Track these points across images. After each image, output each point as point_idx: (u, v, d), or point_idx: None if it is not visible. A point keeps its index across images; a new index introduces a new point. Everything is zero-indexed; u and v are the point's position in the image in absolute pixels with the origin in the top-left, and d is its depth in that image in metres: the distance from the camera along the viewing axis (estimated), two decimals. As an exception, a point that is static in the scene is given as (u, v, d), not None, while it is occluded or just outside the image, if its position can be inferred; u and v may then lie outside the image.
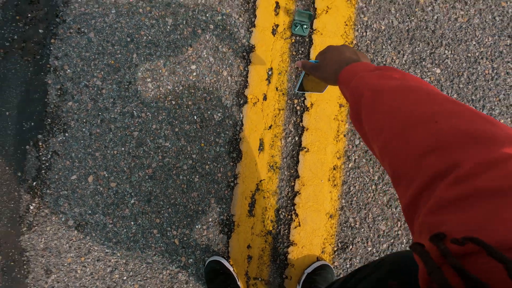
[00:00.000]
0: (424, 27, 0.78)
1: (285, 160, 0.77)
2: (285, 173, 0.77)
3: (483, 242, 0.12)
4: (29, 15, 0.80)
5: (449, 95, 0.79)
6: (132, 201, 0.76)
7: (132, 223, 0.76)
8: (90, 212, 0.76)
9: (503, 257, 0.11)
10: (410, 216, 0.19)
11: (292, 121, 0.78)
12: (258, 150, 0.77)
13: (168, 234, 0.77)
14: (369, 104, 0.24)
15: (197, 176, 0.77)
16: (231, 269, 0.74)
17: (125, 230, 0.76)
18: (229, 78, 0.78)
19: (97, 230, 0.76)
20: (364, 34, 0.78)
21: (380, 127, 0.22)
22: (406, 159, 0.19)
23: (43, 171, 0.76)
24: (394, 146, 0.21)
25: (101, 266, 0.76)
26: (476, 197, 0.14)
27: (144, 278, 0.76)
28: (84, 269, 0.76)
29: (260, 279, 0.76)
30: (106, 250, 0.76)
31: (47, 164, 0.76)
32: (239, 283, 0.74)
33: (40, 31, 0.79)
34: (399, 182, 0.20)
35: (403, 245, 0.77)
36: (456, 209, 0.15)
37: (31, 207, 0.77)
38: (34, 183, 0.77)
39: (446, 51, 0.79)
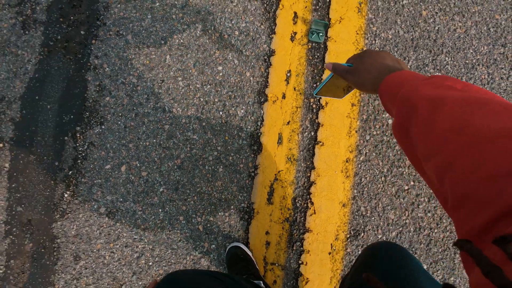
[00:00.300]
0: (427, 37, 0.86)
1: (302, 152, 0.83)
2: (302, 164, 0.83)
3: None
4: (71, 17, 0.87)
5: (450, 97, 0.86)
6: (161, 189, 0.81)
7: (160, 210, 0.81)
8: (121, 199, 0.80)
9: None
10: (480, 237, 0.16)
11: (309, 118, 0.84)
12: (277, 143, 0.83)
13: (193, 220, 0.81)
14: (426, 117, 0.21)
15: (221, 167, 0.82)
16: (251, 254, 0.78)
17: (153, 217, 0.81)
18: (251, 78, 0.85)
19: (127, 217, 0.80)
20: (373, 42, 0.86)
21: (441, 143, 0.20)
22: (480, 180, 0.17)
23: (79, 161, 0.81)
24: (462, 165, 0.18)
25: (128, 252, 0.80)
26: None
27: (169, 264, 0.80)
28: (112, 255, 0.80)
29: (277, 264, 0.80)
30: (134, 237, 0.80)
31: (83, 154, 0.82)
32: (257, 267, 0.78)
33: (82, 32, 0.86)
34: (463, 205, 0.18)
35: (410, 233, 0.82)
36: None
37: (66, 195, 0.81)
38: (70, 172, 0.81)
39: (447, 58, 0.86)
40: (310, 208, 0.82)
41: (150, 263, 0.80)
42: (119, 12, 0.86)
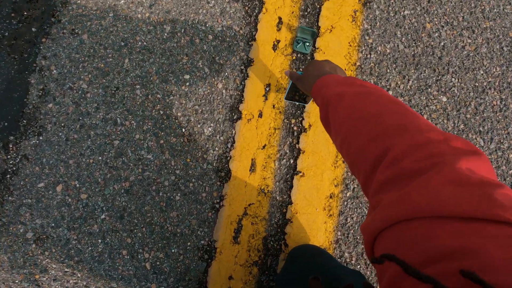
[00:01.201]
0: (431, 53, 0.69)
1: (277, 183, 0.65)
2: (277, 198, 0.64)
3: (399, 259, 0.13)
4: (25, 13, 0.71)
5: (456, 125, 0.68)
6: (103, 217, 0.62)
7: (100, 241, 0.62)
8: (53, 225, 0.62)
9: (418, 274, 0.11)
10: (368, 198, 0.21)
11: (288, 142, 0.66)
12: (249, 171, 0.65)
13: (139, 256, 0.62)
14: (334, 106, 0.27)
15: (178, 194, 0.64)
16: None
17: (90, 248, 0.62)
18: (223, 91, 0.68)
19: (58, 246, 0.61)
20: (368, 56, 0.68)
21: (341, 124, 0.25)
22: (358, 148, 0.22)
23: (8, 176, 0.63)
24: (350, 138, 0.23)
25: (57, 286, 0.61)
26: (402, 176, 0.17)
27: (107, 308, 0.61)
28: None
29: (240, 319, 0.60)
30: (66, 269, 0.61)
31: (14, 168, 0.63)
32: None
33: (33, 29, 0.70)
34: (354, 169, 0.23)
35: (406, 291, 0.62)
36: (388, 188, 0.18)
37: (-8, 215, 0.63)
38: (-1, 188, 0.63)
39: (453, 79, 0.69)
40: (284, 251, 0.63)
41: (84, 307, 0.60)
42: (77, 8, 0.70)
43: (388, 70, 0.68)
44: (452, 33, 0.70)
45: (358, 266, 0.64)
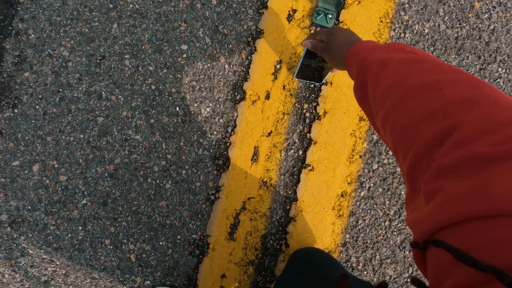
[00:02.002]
0: (477, 37, 0.56)
1: (282, 177, 0.55)
2: (281, 193, 0.55)
3: (449, 245, 0.11)
4: (1, -38, 0.59)
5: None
6: (84, 202, 0.54)
7: (80, 228, 0.54)
8: (29, 207, 0.54)
9: (475, 262, 0.10)
10: (411, 185, 0.16)
11: (298, 130, 0.55)
12: (251, 160, 0.55)
13: (124, 247, 0.54)
14: (375, 75, 0.22)
15: (169, 182, 0.54)
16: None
17: (69, 235, 0.54)
18: (226, 66, 0.56)
19: (35, 231, 0.54)
20: (403, 35, 0.55)
21: (385, 97, 0.20)
22: (407, 125, 0.17)
23: (-19, 150, 0.55)
24: (396, 114, 0.18)
25: (34, 273, 0.54)
26: (473, 162, 0.13)
27: (88, 298, 0.54)
28: (13, 274, 0.54)
29: (231, 321, 0.53)
30: (43, 256, 0.54)
31: (-14, 142, 0.55)
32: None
33: (11, -17, 0.58)
34: (398, 150, 0.18)
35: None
36: (453, 175, 0.13)
37: (-34, 192, 0.55)
38: (-28, 163, 0.55)
39: (500, 69, 0.56)
40: (284, 252, 0.54)
41: (63, 295, 0.54)
42: (61, -43, 0.57)
43: (423, 53, 0.55)
44: (504, 15, 0.56)
45: (365, 272, 0.55)
